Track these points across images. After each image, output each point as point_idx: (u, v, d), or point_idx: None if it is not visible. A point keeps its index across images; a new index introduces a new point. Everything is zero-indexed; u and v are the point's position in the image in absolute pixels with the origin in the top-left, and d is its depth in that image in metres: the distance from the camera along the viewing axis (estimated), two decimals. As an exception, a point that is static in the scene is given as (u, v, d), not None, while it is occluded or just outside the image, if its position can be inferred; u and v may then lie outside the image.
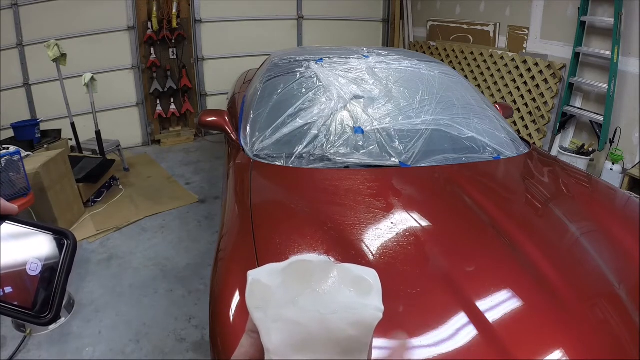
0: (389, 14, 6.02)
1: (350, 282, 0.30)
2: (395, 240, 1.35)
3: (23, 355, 2.07)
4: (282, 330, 0.29)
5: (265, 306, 0.30)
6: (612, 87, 3.39)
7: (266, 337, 0.29)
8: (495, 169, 1.96)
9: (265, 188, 1.78)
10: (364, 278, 0.31)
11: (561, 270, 1.23)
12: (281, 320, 0.29)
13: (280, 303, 0.30)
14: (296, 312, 0.29)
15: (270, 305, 0.30)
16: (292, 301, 0.30)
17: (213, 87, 5.32)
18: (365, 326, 0.29)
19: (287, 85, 2.25)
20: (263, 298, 0.30)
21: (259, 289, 0.31)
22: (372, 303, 0.30)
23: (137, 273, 2.70)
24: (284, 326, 0.29)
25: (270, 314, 0.30)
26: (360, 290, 0.30)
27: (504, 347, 1.00)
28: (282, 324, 0.29)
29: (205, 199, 3.72)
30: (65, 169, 3.17)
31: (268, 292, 0.30)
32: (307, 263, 0.31)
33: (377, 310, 0.30)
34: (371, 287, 0.31)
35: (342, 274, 0.31)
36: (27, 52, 4.24)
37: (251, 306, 0.31)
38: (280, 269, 0.31)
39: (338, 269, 0.31)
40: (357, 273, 0.31)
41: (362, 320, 0.29)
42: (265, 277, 0.31)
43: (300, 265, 0.31)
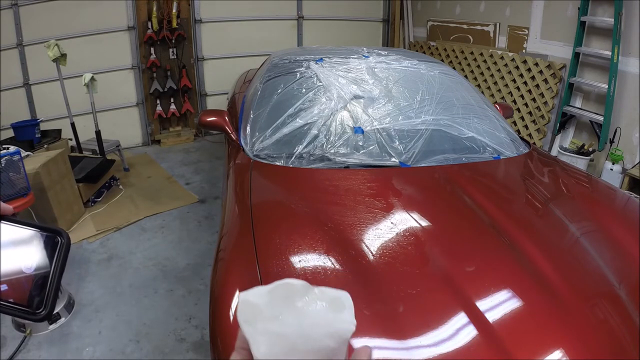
0: (389, 14, 6.02)
1: (326, 301, 0.35)
2: (395, 240, 1.35)
3: (23, 355, 2.07)
4: (268, 342, 0.33)
5: (253, 321, 0.34)
6: (612, 87, 3.39)
7: (255, 348, 0.33)
8: (495, 169, 1.96)
9: (265, 188, 1.78)
10: (338, 297, 0.35)
11: (561, 270, 1.23)
12: (268, 333, 0.33)
13: (266, 318, 0.34)
14: (280, 326, 0.34)
15: (258, 320, 0.34)
16: (277, 317, 0.34)
17: (213, 87, 5.32)
18: (340, 337, 0.34)
19: (287, 85, 2.25)
20: (252, 314, 0.35)
21: (248, 307, 0.35)
22: (346, 318, 0.34)
23: (137, 273, 2.70)
24: (270, 338, 0.33)
25: (258, 328, 0.34)
26: (335, 308, 0.35)
27: (504, 347, 1.00)
28: (268, 336, 0.33)
29: (205, 199, 3.72)
30: (65, 169, 3.17)
31: (256, 309, 0.35)
32: (290, 285, 0.36)
33: (350, 324, 0.34)
34: (344, 305, 0.35)
35: (319, 294, 0.35)
36: (27, 52, 4.23)
37: (241, 321, 0.35)
38: (267, 291, 0.36)
39: (316, 290, 0.36)
40: (332, 294, 0.36)
41: (337, 332, 0.34)
42: (254, 297, 0.35)
43: (284, 287, 0.36)
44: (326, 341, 0.33)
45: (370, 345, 1.01)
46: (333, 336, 0.33)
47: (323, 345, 0.33)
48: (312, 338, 0.33)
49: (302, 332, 0.33)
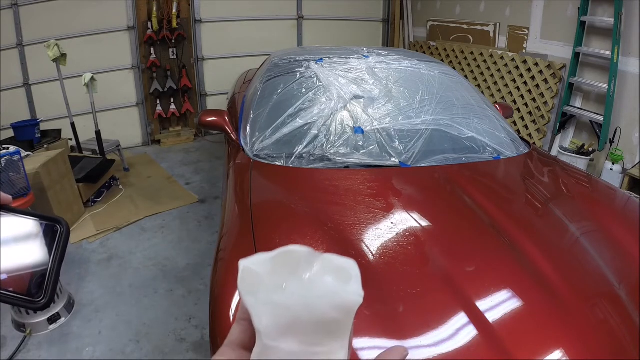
0: (389, 14, 6.02)
1: (332, 270, 0.33)
2: (395, 240, 1.35)
3: (23, 355, 2.07)
4: (271, 313, 0.32)
5: (255, 291, 0.33)
6: (612, 87, 3.39)
7: (257, 319, 0.32)
8: (495, 169, 1.96)
9: (265, 188, 1.78)
10: (345, 267, 0.34)
11: (561, 270, 1.23)
12: (270, 304, 0.32)
13: (269, 288, 0.32)
14: (284, 297, 0.32)
15: (260, 290, 0.33)
16: (280, 287, 0.32)
17: (213, 87, 5.32)
18: (347, 309, 0.32)
19: (287, 85, 2.25)
20: (254, 284, 0.33)
21: (250, 276, 0.33)
22: (353, 289, 0.32)
23: (137, 273, 2.70)
24: (273, 310, 0.32)
25: (261, 298, 0.32)
26: (341, 277, 0.33)
27: (504, 347, 1.00)
28: (271, 307, 0.32)
29: (205, 199, 3.72)
30: (65, 169, 3.17)
31: (258, 278, 0.33)
32: (293, 253, 0.34)
33: (357, 296, 0.32)
34: (351, 275, 0.33)
35: (325, 263, 0.34)
36: (27, 52, 4.23)
37: (243, 291, 0.33)
38: (270, 258, 0.34)
39: (321, 258, 0.34)
40: (338, 263, 0.34)
41: (344, 303, 0.32)
42: (255, 265, 0.34)
43: (287, 254, 0.34)
44: (332, 313, 0.32)
45: (370, 345, 1.01)
46: (339, 308, 0.32)
47: (328, 317, 0.32)
48: (317, 310, 0.31)
49: (307, 303, 0.32)
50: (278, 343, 0.31)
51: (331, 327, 0.32)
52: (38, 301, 0.42)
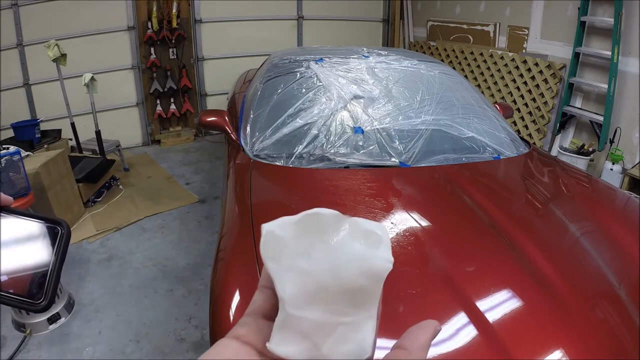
0: (389, 14, 6.02)
1: (360, 234, 0.31)
2: (395, 240, 1.35)
3: (23, 355, 2.07)
4: (295, 280, 0.30)
5: (278, 257, 0.31)
6: (612, 87, 3.39)
7: (280, 287, 0.30)
8: (495, 169, 1.96)
9: (265, 188, 1.78)
10: (374, 231, 0.31)
11: (561, 270, 1.23)
12: (294, 270, 0.30)
13: (293, 254, 0.30)
14: (309, 263, 0.30)
15: (283, 256, 0.31)
16: (305, 252, 0.30)
17: (213, 87, 5.32)
18: (375, 276, 0.30)
19: (287, 85, 2.25)
20: (276, 249, 0.31)
21: (273, 241, 0.31)
22: (382, 254, 0.30)
23: (137, 273, 2.70)
24: (298, 276, 0.30)
25: (284, 265, 0.30)
26: (370, 242, 0.31)
27: (504, 347, 1.00)
28: (295, 274, 0.30)
29: (205, 199, 3.72)
30: (65, 169, 3.17)
31: (281, 243, 0.31)
32: (319, 216, 0.31)
33: (387, 262, 0.30)
34: (380, 240, 0.31)
35: (352, 227, 0.31)
36: (27, 52, 4.23)
37: (265, 257, 0.31)
38: (294, 222, 0.32)
39: (349, 222, 0.31)
40: (367, 227, 0.31)
41: (372, 269, 0.30)
42: (279, 229, 0.32)
43: (312, 217, 0.31)
44: (360, 280, 0.29)
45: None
46: (367, 274, 0.30)
47: (356, 284, 0.29)
48: (345, 276, 0.29)
49: (333, 269, 0.29)
50: (302, 312, 0.29)
51: (359, 295, 0.30)
52: (38, 303, 0.42)
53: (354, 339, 0.30)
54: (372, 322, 0.31)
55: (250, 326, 0.31)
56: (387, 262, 0.30)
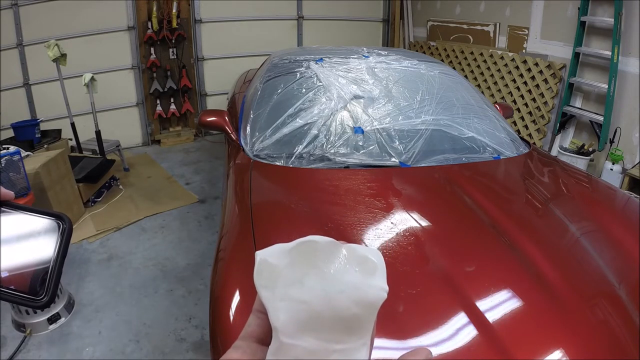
0: (389, 14, 6.02)
1: (355, 262, 0.31)
2: (395, 240, 1.35)
3: (23, 355, 2.07)
4: (289, 309, 0.30)
5: (272, 285, 0.31)
6: (612, 87, 3.39)
7: (274, 315, 0.30)
8: (495, 169, 1.96)
9: (265, 188, 1.78)
10: (369, 258, 0.31)
11: (561, 270, 1.23)
12: (288, 299, 0.30)
13: (287, 282, 0.30)
14: (303, 291, 0.30)
15: (277, 284, 0.31)
16: (299, 281, 0.30)
17: (213, 87, 5.32)
18: (370, 305, 0.30)
19: (287, 85, 2.25)
20: (270, 277, 0.31)
21: (267, 269, 0.31)
22: (377, 283, 0.30)
23: (137, 273, 2.70)
24: (291, 305, 0.30)
25: (278, 293, 0.30)
26: (365, 270, 0.31)
27: (504, 347, 1.00)
28: (289, 302, 0.30)
29: (205, 199, 3.72)
30: (65, 169, 3.17)
31: (275, 271, 0.31)
32: (313, 243, 0.31)
33: (381, 290, 0.30)
34: (376, 268, 0.31)
35: (348, 254, 0.31)
36: (27, 52, 4.23)
37: (259, 285, 0.31)
38: (288, 249, 0.32)
39: (344, 249, 0.31)
40: (362, 253, 0.31)
41: (366, 299, 0.30)
42: (273, 257, 0.32)
43: (307, 245, 0.31)
44: (354, 309, 0.30)
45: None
46: (361, 304, 0.30)
47: (350, 313, 0.30)
48: (338, 305, 0.29)
49: (327, 298, 0.29)
50: (296, 340, 0.29)
51: (353, 323, 0.30)
52: (40, 299, 0.41)
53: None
54: (366, 348, 0.30)
55: (244, 350, 0.31)
56: (382, 291, 0.30)
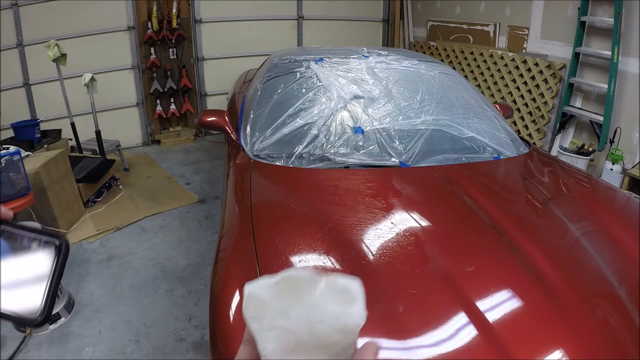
0: (389, 14, 6.02)
1: (336, 292, 0.34)
2: (395, 240, 1.35)
3: (23, 355, 2.07)
4: (275, 338, 0.33)
5: (260, 317, 0.33)
6: (612, 87, 3.39)
7: (262, 344, 0.33)
8: (495, 169, 1.96)
9: (265, 188, 1.78)
10: (349, 288, 0.34)
11: (561, 270, 1.23)
12: (275, 329, 0.33)
13: (273, 314, 0.33)
14: (288, 322, 0.33)
15: (265, 315, 0.33)
16: (284, 312, 0.33)
17: (213, 87, 5.32)
18: (349, 332, 0.33)
19: (287, 85, 2.25)
20: (258, 309, 0.34)
21: (255, 301, 0.34)
22: (356, 311, 0.33)
23: (137, 273, 2.70)
24: (278, 334, 0.33)
25: (265, 324, 0.33)
26: (344, 300, 0.34)
27: (504, 347, 1.00)
28: (275, 332, 0.33)
29: (205, 199, 3.72)
30: (65, 169, 3.17)
31: (263, 304, 0.34)
32: (297, 277, 0.34)
33: (359, 318, 0.33)
34: (354, 297, 0.34)
35: (328, 285, 0.34)
36: (27, 52, 4.23)
37: (248, 317, 0.34)
38: (274, 283, 0.34)
39: (325, 281, 0.34)
40: (342, 284, 0.34)
41: (346, 327, 0.33)
42: (260, 290, 0.34)
43: (291, 279, 0.34)
44: (335, 336, 0.32)
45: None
46: (342, 331, 0.33)
47: (332, 340, 0.32)
48: (321, 334, 0.32)
49: (310, 327, 0.32)
50: None
51: (334, 349, 0.33)
52: (34, 319, 0.41)
53: None
54: None
55: None
56: (360, 318, 0.33)
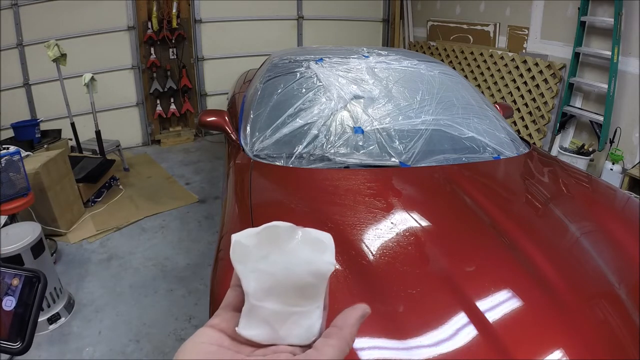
0: (389, 14, 6.02)
1: (310, 242, 0.39)
2: (395, 240, 1.35)
3: (23, 355, 2.07)
4: (257, 278, 0.38)
5: (244, 260, 0.39)
6: (612, 87, 3.39)
7: (245, 283, 0.38)
8: (495, 169, 1.96)
9: (265, 188, 1.78)
10: (321, 240, 0.39)
11: (561, 270, 1.23)
12: (257, 270, 0.38)
13: (256, 258, 0.39)
14: (268, 265, 0.38)
15: (248, 260, 0.39)
16: (265, 256, 0.38)
17: (213, 87, 5.32)
18: (320, 275, 0.38)
19: (287, 85, 2.25)
20: (243, 254, 0.39)
21: (240, 248, 0.39)
22: (327, 259, 0.38)
23: (137, 273, 2.70)
24: (259, 275, 0.38)
25: (249, 267, 0.38)
26: (317, 249, 0.38)
27: (504, 347, 1.00)
28: (257, 273, 0.38)
29: (205, 199, 3.72)
30: (65, 169, 3.17)
31: (247, 250, 0.39)
32: (277, 227, 0.39)
33: (329, 264, 0.38)
34: (326, 247, 0.39)
35: (303, 236, 0.39)
36: (27, 52, 4.24)
37: (234, 260, 0.39)
38: (256, 232, 0.40)
39: (301, 231, 0.39)
40: (315, 235, 0.39)
41: (318, 270, 0.37)
42: (245, 239, 0.40)
43: (272, 229, 0.39)
44: (307, 278, 0.37)
45: (370, 345, 1.01)
46: (314, 274, 0.37)
47: (305, 281, 0.37)
48: (295, 275, 0.37)
49: (287, 270, 0.37)
50: (263, 303, 0.37)
51: (307, 290, 0.38)
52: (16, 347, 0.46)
53: (304, 325, 0.37)
54: (319, 311, 0.38)
55: (222, 317, 0.39)
56: (330, 265, 0.38)
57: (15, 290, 0.56)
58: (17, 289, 0.56)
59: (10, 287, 0.55)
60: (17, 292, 0.54)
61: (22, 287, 0.49)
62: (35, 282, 0.50)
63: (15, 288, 0.55)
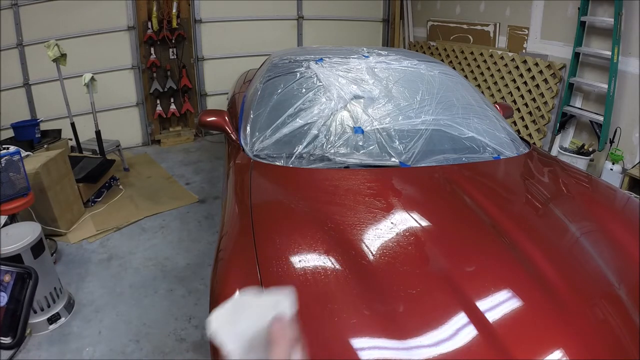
0: (389, 14, 6.02)
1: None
2: (395, 240, 1.35)
3: (23, 355, 2.07)
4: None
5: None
6: (612, 87, 3.39)
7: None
8: (495, 169, 1.96)
9: (265, 188, 1.78)
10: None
11: (561, 270, 1.23)
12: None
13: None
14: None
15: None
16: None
17: (213, 87, 5.32)
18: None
19: (287, 85, 2.25)
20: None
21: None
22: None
23: (137, 273, 2.70)
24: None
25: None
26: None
27: (504, 347, 1.00)
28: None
29: (205, 199, 3.72)
30: (65, 169, 3.17)
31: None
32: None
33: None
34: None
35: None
36: (27, 52, 4.23)
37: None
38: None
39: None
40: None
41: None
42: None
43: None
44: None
45: (370, 345, 1.01)
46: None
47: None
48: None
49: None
50: None
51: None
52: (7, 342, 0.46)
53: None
54: None
55: None
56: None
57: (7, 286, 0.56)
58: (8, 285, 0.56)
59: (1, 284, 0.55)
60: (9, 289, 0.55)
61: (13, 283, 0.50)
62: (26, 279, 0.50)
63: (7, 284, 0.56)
